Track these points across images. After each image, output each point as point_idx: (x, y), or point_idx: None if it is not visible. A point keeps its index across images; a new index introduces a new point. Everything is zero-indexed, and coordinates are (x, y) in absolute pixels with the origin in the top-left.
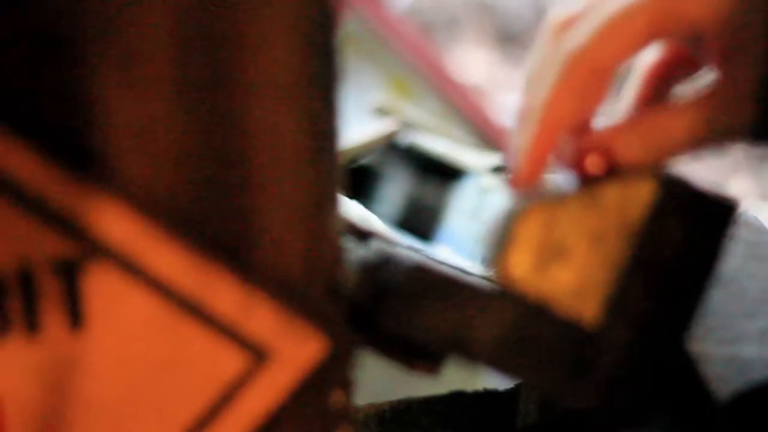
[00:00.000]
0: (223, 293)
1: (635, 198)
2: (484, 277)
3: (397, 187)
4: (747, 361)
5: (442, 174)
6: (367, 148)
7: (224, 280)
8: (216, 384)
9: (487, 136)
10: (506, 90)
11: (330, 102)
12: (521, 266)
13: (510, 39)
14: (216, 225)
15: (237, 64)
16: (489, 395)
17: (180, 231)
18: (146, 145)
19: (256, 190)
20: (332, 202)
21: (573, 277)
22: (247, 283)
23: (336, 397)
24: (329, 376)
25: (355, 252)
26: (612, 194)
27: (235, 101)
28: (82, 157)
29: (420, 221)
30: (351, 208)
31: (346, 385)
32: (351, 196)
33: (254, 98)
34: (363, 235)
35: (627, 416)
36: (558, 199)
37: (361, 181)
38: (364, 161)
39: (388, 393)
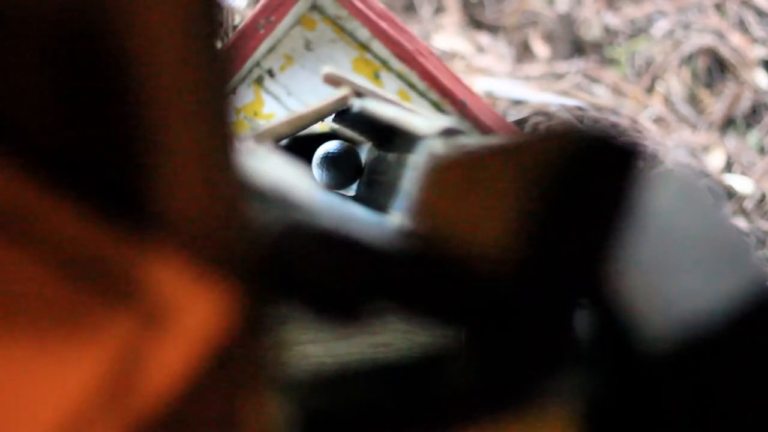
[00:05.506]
0: (111, 244)
1: (548, 151)
2: (402, 234)
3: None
4: (683, 316)
5: (397, 140)
6: (317, 115)
7: (111, 229)
8: (105, 353)
9: (448, 102)
10: (473, 59)
11: (213, 42)
12: (436, 217)
13: (473, 5)
14: (99, 168)
15: (123, 21)
16: (426, 356)
17: (59, 177)
18: (17, 87)
19: (150, 139)
20: (228, 145)
21: (490, 229)
22: (139, 231)
23: (252, 365)
24: (242, 340)
25: (265, 218)
26: (526, 148)
27: (117, 40)
28: None
29: (377, 188)
30: (279, 171)
31: (262, 349)
32: (302, 162)
33: (137, 38)
34: (272, 199)
35: (550, 372)
36: (474, 152)
37: (312, 148)
38: (315, 128)
39: (322, 353)
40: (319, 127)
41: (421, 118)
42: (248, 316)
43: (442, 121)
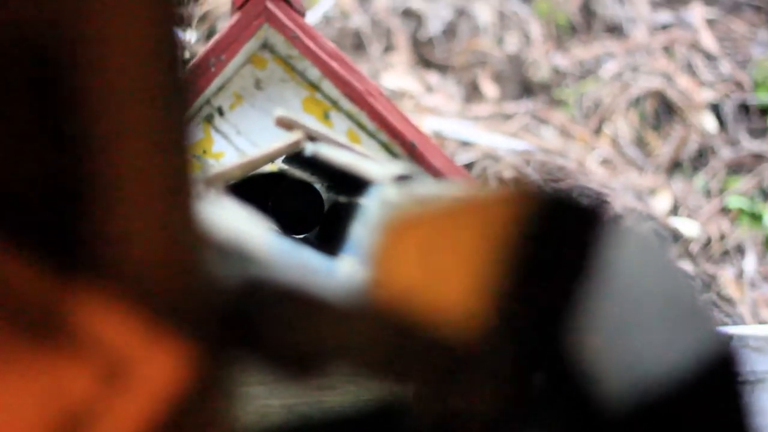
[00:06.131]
0: (68, 298)
1: (511, 210)
2: (362, 291)
3: (302, 197)
4: (642, 374)
5: (349, 185)
6: (270, 158)
7: (69, 282)
8: (62, 407)
9: (398, 143)
10: (422, 98)
11: (177, 96)
12: (397, 278)
13: (423, 45)
14: (60, 225)
15: (81, 54)
16: (383, 407)
17: (23, 233)
18: None
19: (104, 186)
20: (186, 202)
21: (452, 287)
22: (97, 285)
23: (208, 418)
24: (198, 394)
25: (223, 272)
26: (488, 206)
27: (79, 93)
28: None
29: (330, 232)
30: (235, 221)
31: (218, 402)
32: (254, 205)
33: (99, 92)
34: (230, 253)
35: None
36: (434, 210)
37: (266, 190)
38: (266, 171)
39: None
40: (268, 168)
41: (374, 164)
42: (204, 370)
43: (395, 167)
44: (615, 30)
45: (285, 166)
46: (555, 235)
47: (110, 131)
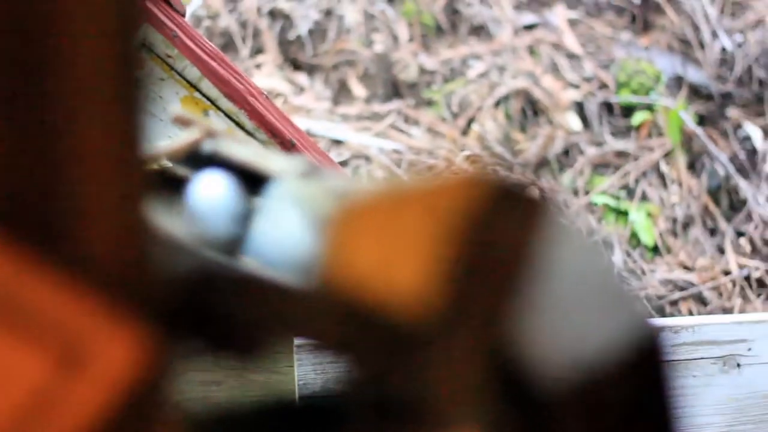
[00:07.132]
0: (30, 285)
1: (461, 198)
2: (306, 283)
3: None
4: (578, 359)
5: (248, 181)
6: (169, 157)
7: (30, 269)
8: (20, 392)
9: (277, 142)
10: (291, 98)
11: (135, 102)
12: (351, 264)
13: (291, 45)
14: (21, 209)
15: (49, 58)
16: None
17: None
18: None
19: (67, 175)
20: (142, 194)
21: (404, 272)
22: (58, 271)
23: (163, 405)
24: (154, 381)
25: (174, 264)
26: (439, 194)
27: (46, 93)
28: None
29: (228, 230)
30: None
31: (173, 389)
32: (157, 206)
33: (65, 91)
34: (177, 246)
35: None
36: (387, 198)
37: (166, 190)
38: (167, 169)
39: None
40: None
41: (278, 159)
42: (159, 355)
43: (299, 162)
44: (480, 31)
45: (169, 164)
46: (501, 221)
47: (76, 126)
